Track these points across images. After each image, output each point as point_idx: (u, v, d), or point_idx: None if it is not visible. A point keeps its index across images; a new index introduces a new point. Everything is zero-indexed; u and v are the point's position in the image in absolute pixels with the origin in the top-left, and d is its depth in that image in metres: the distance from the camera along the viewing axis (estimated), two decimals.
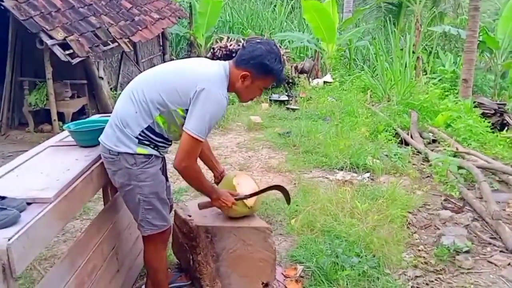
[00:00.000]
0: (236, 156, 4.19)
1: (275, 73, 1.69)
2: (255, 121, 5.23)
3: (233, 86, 1.71)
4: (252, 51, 1.67)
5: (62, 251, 2.46)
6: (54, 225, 1.36)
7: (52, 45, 4.44)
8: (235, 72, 1.69)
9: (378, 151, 4.02)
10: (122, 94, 1.76)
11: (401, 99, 5.80)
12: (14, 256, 1.11)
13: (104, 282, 1.75)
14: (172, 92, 1.63)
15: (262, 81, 1.72)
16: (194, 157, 1.66)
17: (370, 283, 2.10)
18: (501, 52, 7.71)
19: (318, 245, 2.41)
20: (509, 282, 2.17)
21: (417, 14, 7.90)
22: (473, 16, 5.92)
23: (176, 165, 1.65)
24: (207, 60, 1.81)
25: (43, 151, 1.77)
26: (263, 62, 1.65)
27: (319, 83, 7.18)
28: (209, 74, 1.66)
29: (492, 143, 4.42)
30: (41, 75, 4.95)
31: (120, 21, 5.95)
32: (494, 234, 2.65)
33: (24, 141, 5.04)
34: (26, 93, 5.15)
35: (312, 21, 7.51)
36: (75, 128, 1.88)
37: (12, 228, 1.18)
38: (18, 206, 1.28)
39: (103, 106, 5.47)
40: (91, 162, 1.67)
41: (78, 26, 5.04)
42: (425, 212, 3.01)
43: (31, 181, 1.47)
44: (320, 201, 2.91)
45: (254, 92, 1.76)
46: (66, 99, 5.11)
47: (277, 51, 1.70)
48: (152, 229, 1.76)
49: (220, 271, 1.95)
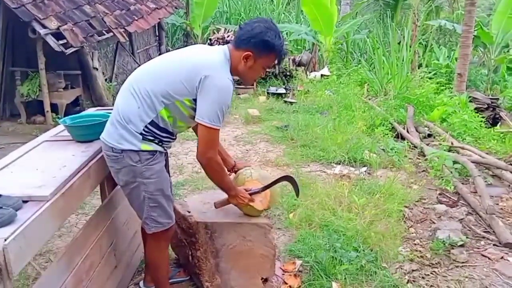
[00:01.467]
0: (234, 150, 4.18)
1: (277, 49, 1.66)
2: (253, 114, 5.21)
3: (236, 68, 1.68)
4: (251, 30, 1.64)
5: (57, 246, 2.44)
6: (51, 223, 1.33)
7: (45, 35, 4.32)
8: (236, 54, 1.66)
9: (375, 145, 4.03)
10: (122, 90, 1.71)
11: (398, 93, 5.81)
12: (11, 257, 1.09)
13: (102, 279, 1.74)
14: (177, 83, 1.60)
15: (265, 59, 1.68)
16: (215, 147, 1.66)
17: (368, 277, 2.12)
18: (494, 47, 7.76)
19: (316, 239, 2.42)
20: (502, 275, 2.21)
21: (414, 8, 7.90)
22: (469, 12, 5.93)
23: (199, 158, 1.64)
24: (206, 46, 1.78)
25: (38, 146, 1.73)
26: (264, 39, 1.62)
27: (317, 76, 7.15)
28: (212, 60, 1.63)
29: (486, 138, 4.47)
30: (34, 65, 4.83)
31: (115, 10, 5.82)
32: (487, 228, 2.69)
33: (16, 132, 4.96)
34: (18, 84, 5.04)
35: (310, 14, 7.47)
36: (71, 122, 1.84)
37: (8, 228, 1.15)
38: (14, 204, 1.24)
39: (97, 97, 5.38)
40: (88, 158, 1.63)
41: (72, 15, 4.91)
42: (421, 206, 3.03)
43: (27, 178, 1.43)
44: (318, 195, 2.92)
45: (257, 72, 1.73)
46: (59, 90, 5.01)
47: (275, 28, 1.68)
48: (157, 227, 1.73)
49: (219, 267, 1.95)
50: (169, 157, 2.00)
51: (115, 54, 6.08)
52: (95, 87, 5.34)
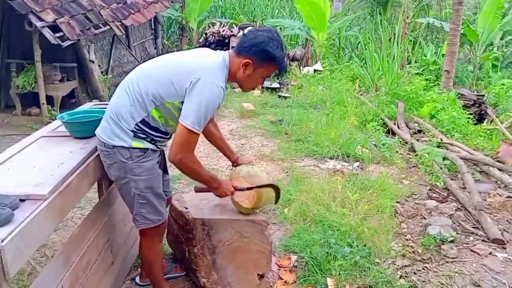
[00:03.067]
0: (230, 143, 4.14)
1: (278, 60, 1.65)
2: (247, 108, 5.21)
3: (234, 75, 1.67)
4: (253, 38, 1.63)
5: (52, 241, 2.42)
6: (49, 223, 1.31)
7: (42, 27, 4.31)
8: (236, 61, 1.65)
9: (367, 140, 4.08)
10: (119, 87, 1.70)
11: (389, 89, 5.87)
12: (8, 258, 1.07)
13: (98, 275, 1.73)
14: (167, 85, 1.58)
15: (264, 69, 1.67)
16: (189, 149, 1.61)
17: (362, 273, 2.15)
18: (480, 45, 7.92)
19: (311, 234, 2.44)
20: (491, 270, 2.28)
21: (404, 6, 8.00)
22: (457, 10, 6.03)
23: (170, 158, 1.61)
24: (208, 50, 1.75)
25: (35, 142, 1.69)
26: (265, 49, 1.61)
27: (310, 71, 7.17)
28: (206, 64, 1.61)
29: (474, 135, 4.58)
30: (29, 57, 4.81)
31: (112, 3, 5.80)
32: (476, 224, 2.76)
33: (11, 124, 4.93)
34: (13, 76, 5.01)
35: (303, 11, 7.52)
36: (69, 118, 1.81)
37: (5, 228, 1.13)
38: (11, 203, 1.22)
39: (93, 90, 5.36)
40: (86, 155, 1.61)
41: (68, 8, 4.90)
42: (412, 201, 3.09)
43: (24, 176, 1.40)
44: (313, 190, 2.94)
45: (255, 80, 1.72)
46: (55, 83, 5.00)
47: (279, 39, 1.66)
48: (146, 224, 1.74)
49: (216, 263, 1.95)
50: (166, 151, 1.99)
51: (111, 47, 6.06)
52: (91, 79, 5.33)
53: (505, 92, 6.21)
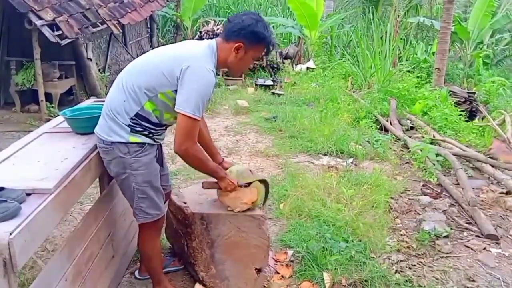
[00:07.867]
0: (224, 140, 4.20)
1: (267, 40, 1.70)
2: (242, 105, 5.24)
3: (225, 61, 1.70)
4: (241, 22, 1.67)
5: (53, 235, 2.42)
6: (54, 216, 1.33)
7: (41, 26, 4.36)
8: (225, 47, 1.68)
9: (360, 137, 4.14)
10: (114, 84, 1.73)
11: (381, 86, 5.95)
12: (16, 250, 1.09)
13: (100, 269, 1.75)
14: (158, 75, 1.61)
15: (255, 50, 1.71)
16: (193, 137, 1.63)
17: (357, 267, 2.17)
18: (470, 43, 8.04)
19: (306, 229, 2.47)
20: (485, 265, 2.30)
21: (395, 4, 8.08)
22: (448, 9, 6.12)
23: (176, 149, 1.63)
24: (195, 41, 1.80)
25: (38, 137, 1.70)
26: (255, 30, 1.66)
27: (302, 68, 7.22)
28: (194, 52, 1.65)
29: (466, 132, 4.65)
30: (29, 55, 4.86)
31: (109, 3, 5.85)
32: (470, 219, 2.79)
33: (10, 121, 4.98)
34: (13, 73, 5.05)
35: (296, 10, 7.57)
36: (71, 114, 1.82)
37: (13, 221, 1.15)
38: (18, 197, 1.24)
39: (91, 87, 5.42)
40: (88, 150, 1.63)
41: (67, 7, 4.96)
42: (406, 197, 3.13)
43: (29, 170, 1.42)
44: (308, 186, 2.97)
45: (246, 63, 1.77)
46: (54, 80, 5.05)
47: (263, 20, 1.72)
48: (145, 218, 1.76)
49: (214, 257, 1.97)
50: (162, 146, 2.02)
51: (108, 45, 6.10)
52: (89, 77, 5.39)
53: (496, 90, 6.33)
